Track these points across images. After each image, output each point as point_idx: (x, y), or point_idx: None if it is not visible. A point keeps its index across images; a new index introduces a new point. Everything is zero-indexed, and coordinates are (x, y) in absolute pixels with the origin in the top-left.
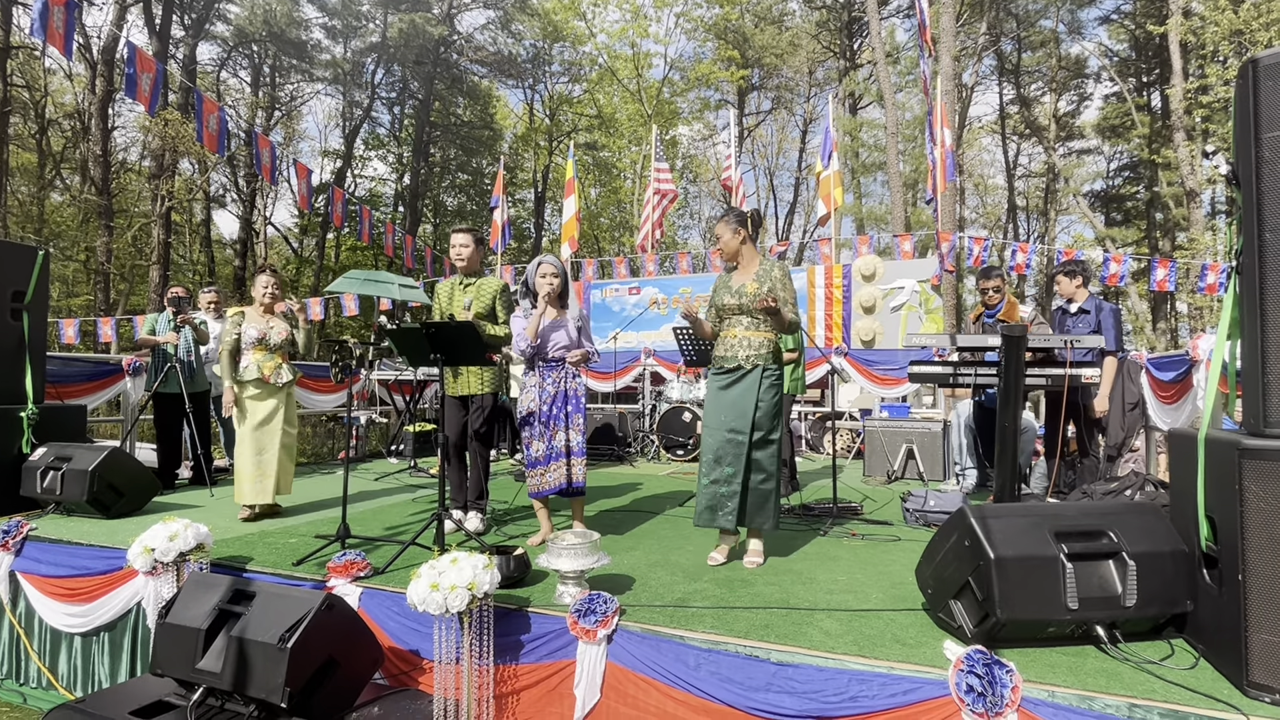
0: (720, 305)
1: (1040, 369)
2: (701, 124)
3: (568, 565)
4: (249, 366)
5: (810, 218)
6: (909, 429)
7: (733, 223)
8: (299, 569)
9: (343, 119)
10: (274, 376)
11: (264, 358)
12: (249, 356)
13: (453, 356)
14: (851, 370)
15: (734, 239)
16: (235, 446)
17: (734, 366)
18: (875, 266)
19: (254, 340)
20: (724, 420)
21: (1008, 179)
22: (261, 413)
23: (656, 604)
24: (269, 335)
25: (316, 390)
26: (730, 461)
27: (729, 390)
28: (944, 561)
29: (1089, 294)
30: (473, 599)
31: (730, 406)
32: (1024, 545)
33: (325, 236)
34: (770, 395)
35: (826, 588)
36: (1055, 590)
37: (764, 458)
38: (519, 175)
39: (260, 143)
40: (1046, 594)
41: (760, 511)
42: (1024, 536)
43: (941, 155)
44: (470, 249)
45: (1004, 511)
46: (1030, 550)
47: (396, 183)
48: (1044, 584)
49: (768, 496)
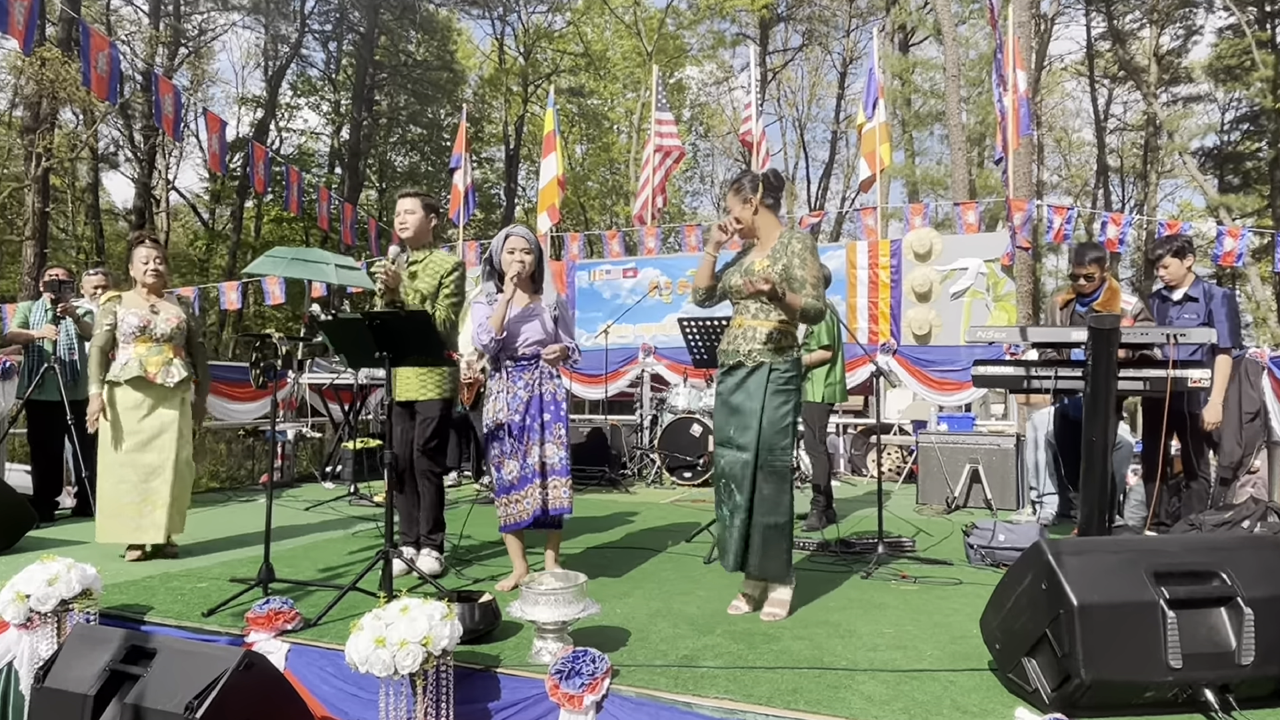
0: (730, 288)
1: (1137, 370)
2: (715, 64)
3: (547, 615)
4: (128, 362)
5: (850, 182)
6: (973, 445)
7: (744, 190)
8: (210, 620)
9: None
10: (162, 375)
11: (149, 351)
12: (129, 350)
13: (402, 354)
14: (902, 372)
15: (744, 209)
16: (102, 468)
17: (734, 364)
18: (931, 242)
19: (135, 330)
20: (730, 434)
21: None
22: (147, 423)
23: (657, 663)
24: (154, 324)
25: (232, 397)
26: (739, 486)
27: (734, 395)
28: (1015, 610)
29: (1195, 277)
30: (428, 657)
31: (734, 415)
32: (1115, 589)
33: (243, 205)
34: (779, 402)
35: (869, 643)
36: (1153, 645)
37: (776, 487)
38: (486, 129)
39: (161, 87)
40: (1142, 650)
41: (765, 555)
42: (1115, 578)
43: (1014, 103)
44: (417, 216)
45: (1090, 547)
46: (1123, 595)
47: (333, 138)
48: (1139, 637)
49: (778, 537)
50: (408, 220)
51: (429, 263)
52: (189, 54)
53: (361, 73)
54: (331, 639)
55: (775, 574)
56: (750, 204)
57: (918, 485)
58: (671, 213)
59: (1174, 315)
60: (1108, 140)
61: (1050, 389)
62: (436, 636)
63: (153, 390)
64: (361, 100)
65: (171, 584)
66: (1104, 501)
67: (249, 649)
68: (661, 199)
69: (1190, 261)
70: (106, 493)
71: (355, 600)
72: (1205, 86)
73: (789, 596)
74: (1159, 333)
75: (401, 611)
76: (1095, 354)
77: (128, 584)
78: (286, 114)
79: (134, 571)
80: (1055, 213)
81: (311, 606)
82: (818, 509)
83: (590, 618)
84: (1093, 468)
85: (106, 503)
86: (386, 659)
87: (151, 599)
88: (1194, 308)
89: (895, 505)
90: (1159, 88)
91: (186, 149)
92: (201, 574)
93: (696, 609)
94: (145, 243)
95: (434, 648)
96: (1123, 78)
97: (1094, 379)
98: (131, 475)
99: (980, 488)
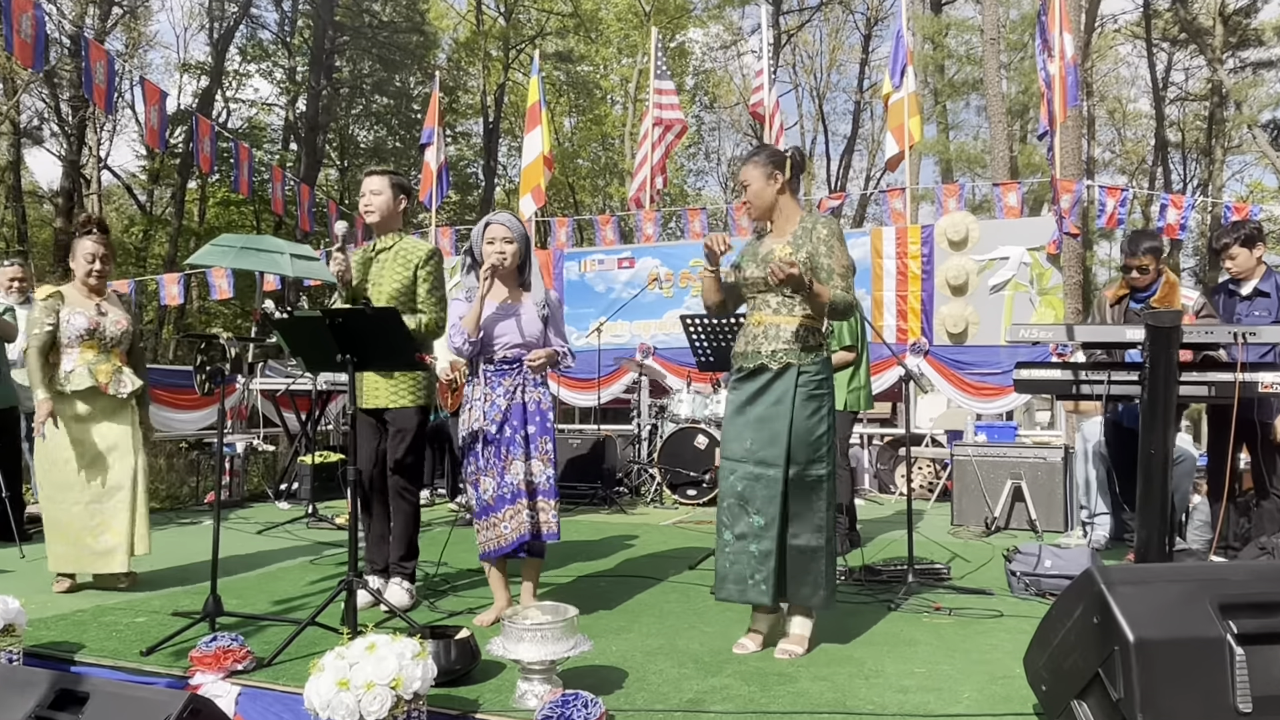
0: (745, 281)
1: (1201, 374)
2: (722, 26)
3: (533, 654)
4: (75, 371)
5: (876, 159)
6: (1016, 459)
7: (765, 163)
8: (150, 660)
9: (210, 19)
10: (113, 385)
11: (97, 359)
12: (74, 358)
13: (368, 357)
14: (934, 375)
15: (768, 187)
16: (50, 490)
17: (755, 367)
18: (968, 228)
19: (82, 334)
20: (749, 447)
21: (1155, 104)
22: (97, 438)
23: (658, 707)
24: (103, 326)
25: (174, 405)
26: (760, 507)
27: (754, 403)
28: (1064, 646)
29: (1267, 268)
30: (398, 701)
31: (756, 426)
32: (1176, 622)
33: (185, 186)
34: (812, 409)
35: (898, 684)
36: (1220, 686)
37: (808, 504)
38: (462, 99)
39: (93, 53)
40: (1208, 691)
41: (805, 580)
42: (1176, 610)
43: (1060, 71)
44: (384, 197)
45: (1148, 575)
46: (1185, 629)
47: (287, 109)
48: (1204, 677)
49: (815, 559)
50: (373, 202)
51: (399, 250)
52: (124, 14)
53: (320, 35)
54: (288, 680)
55: (816, 601)
56: (775, 181)
57: (953, 504)
58: (673, 194)
59: (1242, 312)
60: (1167, 112)
61: (1104, 395)
62: (408, 678)
63: (102, 401)
64: (320, 67)
65: (106, 618)
66: (1164, 523)
67: (193, 692)
68: (661, 179)
69: (1261, 251)
70: (56, 518)
71: (315, 636)
72: (1278, 50)
73: (809, 631)
74: (1225, 331)
75: (368, 649)
76: (1154, 356)
77: (56, 619)
78: (235, 83)
79: (64, 604)
80: (1108, 194)
81: (265, 644)
82: (840, 531)
83: (582, 656)
84: (1151, 484)
85: (57, 528)
86: (351, 704)
87: (83, 636)
88: (1265, 303)
89: (927, 527)
90: (1225, 52)
91: (121, 123)
92: (140, 607)
93: (702, 646)
94: (92, 233)
95: (405, 691)
96: (1184, 41)
97: (1152, 384)
98: (83, 496)
99: (1024, 507)
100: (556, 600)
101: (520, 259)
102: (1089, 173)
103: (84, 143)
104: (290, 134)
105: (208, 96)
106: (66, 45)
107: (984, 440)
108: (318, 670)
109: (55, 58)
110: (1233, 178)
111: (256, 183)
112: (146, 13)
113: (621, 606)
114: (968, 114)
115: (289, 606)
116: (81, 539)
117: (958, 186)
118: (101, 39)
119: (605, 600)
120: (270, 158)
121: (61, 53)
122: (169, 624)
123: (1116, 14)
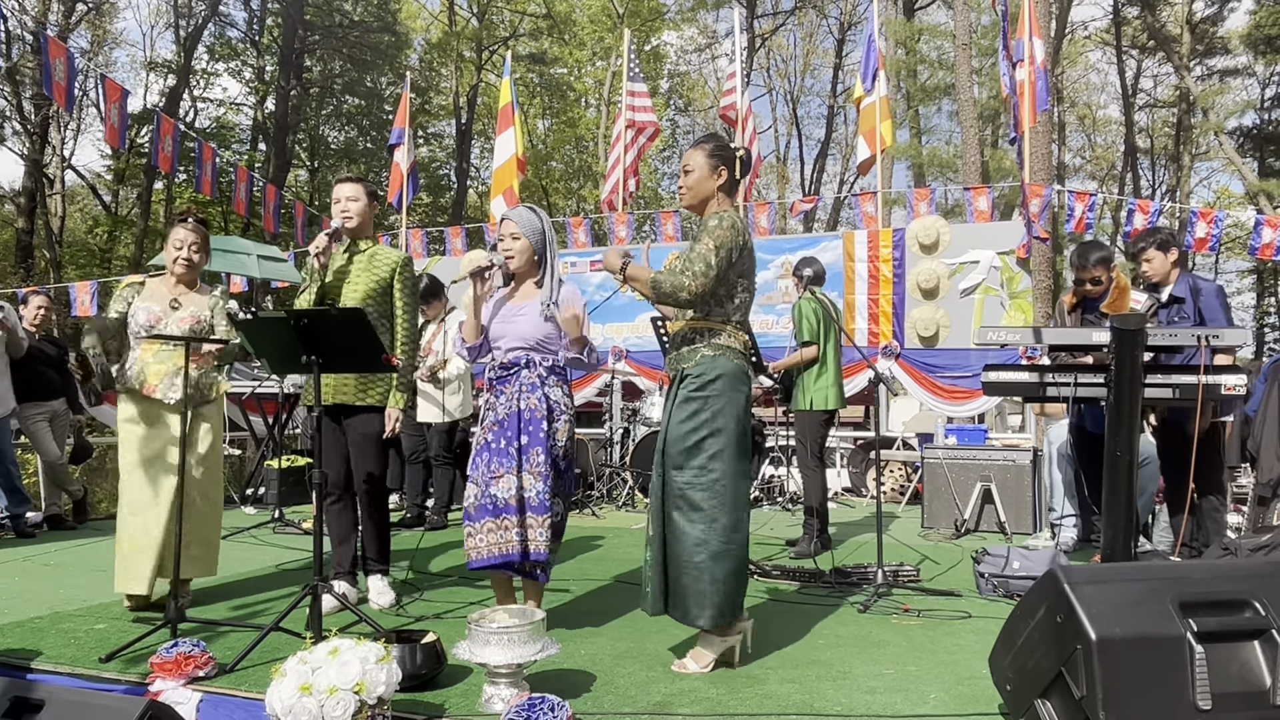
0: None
1: (1165, 376)
2: (695, 29)
3: (499, 657)
4: (132, 368)
5: (848, 163)
6: (986, 461)
7: (713, 155)
8: (109, 667)
9: (177, 16)
10: (162, 389)
11: (155, 357)
12: (136, 353)
13: (334, 360)
14: (905, 378)
15: (709, 180)
16: (122, 495)
17: (670, 373)
18: (939, 232)
19: (142, 329)
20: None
21: (1124, 110)
22: (146, 445)
23: (626, 710)
24: (165, 322)
25: None
26: (652, 515)
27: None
28: (1028, 646)
29: (1180, 273)
30: (361, 706)
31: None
32: (1137, 621)
33: (151, 187)
34: (688, 413)
35: (866, 685)
36: (1180, 684)
37: (681, 515)
38: (433, 100)
39: (53, 50)
40: (1168, 689)
41: (687, 595)
42: (1137, 609)
43: (1030, 76)
44: (361, 204)
45: (1109, 575)
46: (1146, 628)
47: (256, 109)
48: (1165, 675)
49: (698, 575)
50: (351, 208)
51: (373, 255)
52: (88, 10)
53: (290, 34)
54: (250, 686)
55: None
56: (719, 176)
57: (923, 507)
58: (646, 197)
59: (1162, 318)
60: (1136, 118)
61: (1069, 397)
62: (371, 683)
63: (149, 405)
64: (289, 66)
65: (63, 625)
66: (1130, 524)
67: (153, 699)
68: (634, 182)
69: (1175, 256)
70: (129, 530)
71: (278, 642)
72: (1244, 58)
73: (712, 649)
74: (1189, 334)
75: (331, 654)
76: (1119, 358)
77: (11, 625)
78: (202, 81)
79: (18, 610)
80: (1077, 199)
81: (227, 649)
82: (810, 533)
83: (549, 659)
84: (1117, 486)
85: (129, 539)
86: (313, 709)
87: (39, 642)
88: (1183, 309)
89: (898, 529)
90: (1192, 59)
91: (86, 121)
92: (99, 613)
93: (671, 649)
94: (188, 221)
95: (368, 695)
96: (1152, 48)
97: (1118, 386)
98: (132, 503)
99: (993, 509)
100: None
101: (535, 255)
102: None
103: (47, 141)
104: (258, 134)
105: (174, 95)
106: (29, 42)
107: (954, 443)
108: (280, 675)
109: (17, 54)
110: (1200, 184)
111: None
112: (112, 10)
113: (590, 610)
114: (940, 119)
115: (252, 612)
116: (121, 548)
117: (929, 191)
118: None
119: (574, 603)
120: (237, 158)
121: (24, 49)
122: (129, 630)
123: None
